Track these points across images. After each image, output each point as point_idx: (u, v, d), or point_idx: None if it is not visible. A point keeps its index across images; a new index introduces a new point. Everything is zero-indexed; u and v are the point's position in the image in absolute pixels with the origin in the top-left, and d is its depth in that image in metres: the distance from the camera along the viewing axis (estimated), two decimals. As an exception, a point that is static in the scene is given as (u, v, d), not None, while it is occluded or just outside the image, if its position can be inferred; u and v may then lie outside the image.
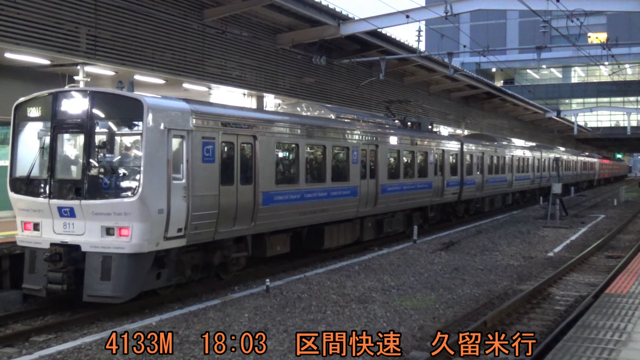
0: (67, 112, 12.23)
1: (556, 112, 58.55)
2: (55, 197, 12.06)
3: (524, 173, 39.70)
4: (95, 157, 11.98)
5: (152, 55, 18.38)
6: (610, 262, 18.42)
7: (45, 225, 12.15)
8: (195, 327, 10.89)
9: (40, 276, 12.05)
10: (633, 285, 11.39)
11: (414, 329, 10.94)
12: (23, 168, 12.64)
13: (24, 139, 12.85)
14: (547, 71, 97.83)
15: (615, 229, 26.23)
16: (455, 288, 14.34)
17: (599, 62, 34.82)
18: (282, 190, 15.60)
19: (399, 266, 16.99)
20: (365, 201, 19.61)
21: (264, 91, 23.62)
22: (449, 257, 18.75)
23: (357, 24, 23.48)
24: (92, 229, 11.72)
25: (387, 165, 21.20)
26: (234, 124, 13.96)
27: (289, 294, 13.49)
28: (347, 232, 19.14)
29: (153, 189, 11.72)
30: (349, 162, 18.75)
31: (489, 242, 22.08)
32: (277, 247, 16.06)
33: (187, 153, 12.48)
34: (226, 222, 13.57)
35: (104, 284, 11.56)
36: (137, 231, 11.57)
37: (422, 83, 35.86)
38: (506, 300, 13.04)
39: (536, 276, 16.06)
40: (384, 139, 21.14)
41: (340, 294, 13.48)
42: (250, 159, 14.45)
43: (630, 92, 77.68)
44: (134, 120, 11.97)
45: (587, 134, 79.45)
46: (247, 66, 22.13)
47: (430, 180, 24.71)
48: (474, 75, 41.18)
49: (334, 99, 27.41)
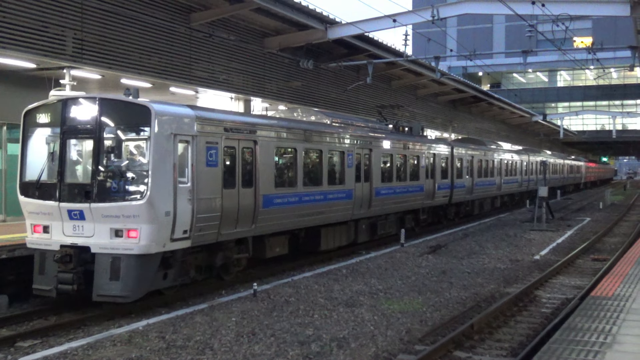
0: (77, 118, 12.67)
1: (542, 116, 58.88)
2: (65, 200, 12.42)
3: (512, 176, 40.45)
4: (105, 161, 12.40)
5: (139, 59, 18.32)
6: (596, 264, 18.53)
7: (55, 227, 12.53)
8: (183, 332, 10.85)
9: (50, 277, 12.38)
10: (618, 288, 11.46)
11: (401, 333, 10.95)
12: (32, 173, 13.03)
13: (33, 145, 13.25)
14: (534, 75, 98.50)
15: (601, 231, 26.40)
16: (443, 291, 14.37)
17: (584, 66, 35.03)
18: (281, 194, 16.12)
19: (386, 269, 17.02)
20: (359, 204, 20.12)
21: (251, 95, 23.60)
22: (436, 260, 18.79)
23: (344, 28, 23.51)
24: (101, 231, 12.11)
25: (380, 169, 21.73)
26: (235, 129, 14.42)
27: (277, 297, 13.47)
28: (342, 234, 19.62)
29: (160, 192, 12.15)
30: (344, 166, 19.27)
31: (476, 245, 22.16)
32: (276, 249, 16.58)
33: (191, 157, 12.95)
34: (228, 224, 14.01)
35: (113, 284, 11.92)
36: (145, 233, 11.96)
37: (409, 87, 35.96)
38: (493, 303, 13.09)
39: (523, 279, 16.14)
40: (378, 143, 21.68)
41: (328, 298, 13.48)
42: (251, 163, 14.96)
43: (616, 96, 78.41)
44: (141, 126, 12.43)
45: (573, 138, 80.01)
46: (235, 70, 22.11)
47: (422, 183, 25.35)
48: (461, 79, 41.37)
49: (322, 102, 27.44)
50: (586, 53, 28.15)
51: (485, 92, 47.06)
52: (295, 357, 9.59)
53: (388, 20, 22.72)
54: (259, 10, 20.97)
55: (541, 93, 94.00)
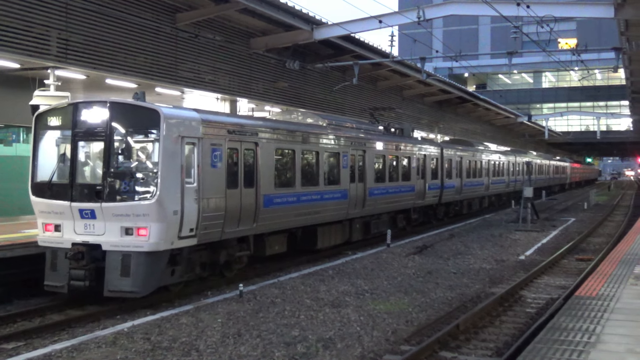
0: (88, 121, 13.19)
1: (527, 117, 59.16)
2: (76, 200, 12.92)
3: (500, 177, 41.38)
4: (115, 163, 12.97)
5: (125, 59, 18.23)
6: (580, 265, 18.65)
7: (66, 226, 13.02)
8: (168, 333, 10.81)
9: (61, 274, 12.86)
10: (602, 288, 11.53)
11: (387, 333, 10.97)
12: (44, 173, 13.53)
13: (44, 147, 13.74)
14: (519, 76, 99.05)
15: (586, 232, 26.58)
16: (429, 292, 14.41)
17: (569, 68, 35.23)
18: (281, 194, 16.72)
19: (372, 270, 17.03)
20: (354, 203, 20.78)
21: (237, 95, 23.55)
22: (422, 260, 18.84)
23: (330, 28, 23.51)
24: (111, 230, 12.61)
25: (374, 170, 22.39)
26: (238, 132, 14.98)
27: (263, 298, 13.45)
28: (337, 233, 20.21)
29: (169, 192, 12.70)
30: (340, 167, 19.95)
31: (462, 245, 22.24)
32: (276, 247, 17.13)
33: (197, 159, 13.52)
34: (231, 223, 14.59)
35: (123, 280, 12.42)
36: (155, 231, 12.49)
37: (395, 88, 36.03)
38: (479, 303, 13.14)
39: (508, 279, 16.21)
40: (371, 145, 22.34)
41: (314, 299, 13.48)
42: (253, 164, 15.55)
43: (600, 97, 78.95)
44: (151, 128, 12.96)
45: (558, 138, 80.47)
46: (221, 70, 22.06)
47: (413, 183, 26.04)
48: (447, 80, 41.49)
49: (308, 103, 27.43)
50: (571, 54, 28.33)
51: (470, 93, 47.24)
52: (281, 358, 9.57)
53: (374, 21, 22.76)
54: (244, 10, 20.93)
55: (526, 94, 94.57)
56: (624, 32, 22.31)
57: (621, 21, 21.09)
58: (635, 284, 11.89)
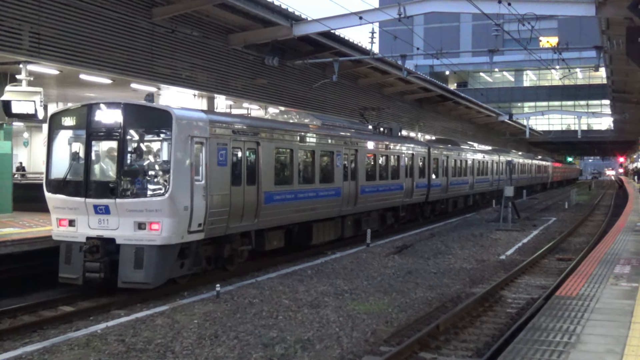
0: (102, 121, 14.08)
1: (508, 116, 59.54)
2: (91, 196, 13.83)
3: (484, 176, 42.56)
4: (129, 161, 13.99)
5: (99, 54, 18.05)
6: (561, 264, 18.81)
7: (80, 221, 13.90)
8: (143, 335, 10.72)
9: (76, 266, 13.74)
10: (583, 288, 11.64)
11: (366, 334, 10.98)
12: (58, 171, 14.45)
13: (59, 146, 14.59)
14: (500, 74, 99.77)
15: (566, 231, 26.81)
16: (409, 292, 14.45)
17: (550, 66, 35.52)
18: (280, 191, 17.71)
19: (352, 270, 17.05)
20: (347, 201, 21.85)
21: (215, 92, 23.45)
22: (402, 260, 18.89)
23: (310, 24, 23.49)
24: (125, 224, 13.53)
25: (365, 168, 23.47)
26: (241, 132, 15.96)
27: (240, 299, 13.41)
28: (331, 229, 21.25)
29: (180, 189, 13.63)
30: (334, 165, 21.01)
31: (442, 245, 22.34)
32: (274, 242, 18.04)
33: (205, 157, 14.42)
34: (235, 219, 15.53)
35: (137, 272, 13.35)
36: (167, 225, 13.44)
37: (375, 85, 36.10)
38: (459, 303, 13.19)
39: (488, 279, 16.31)
40: (363, 144, 23.42)
41: (293, 299, 13.45)
42: (254, 162, 16.54)
43: (581, 96, 79.65)
44: (163, 129, 13.89)
45: (539, 137, 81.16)
46: (198, 66, 21.93)
47: (401, 182, 27.14)
48: (428, 77, 41.68)
49: (287, 100, 27.39)
50: (552, 53, 28.57)
51: (451, 91, 47.46)
52: (258, 359, 9.54)
53: (354, 17, 22.75)
54: (222, 5, 20.83)
55: (507, 93, 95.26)
56: (605, 31, 22.51)
57: (602, 20, 21.27)
58: (616, 284, 12.02)
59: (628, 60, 20.73)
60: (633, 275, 12.96)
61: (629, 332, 8.62)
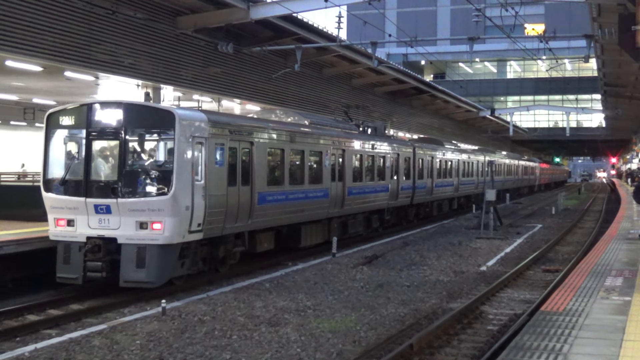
0: (103, 121, 15.63)
1: (490, 111, 60.25)
2: (92, 196, 15.36)
3: (469, 177, 43.90)
4: (131, 161, 15.62)
5: (28, 38, 17.76)
6: (547, 276, 19.07)
7: (80, 221, 15.37)
8: (77, 358, 10.59)
9: (75, 266, 15.21)
10: (571, 302, 11.81)
11: (331, 355, 10.99)
12: (56, 171, 15.97)
13: (56, 145, 16.04)
14: (481, 65, 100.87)
15: (553, 240, 27.20)
16: (379, 307, 14.51)
17: (536, 57, 36.05)
18: (272, 191, 19.22)
19: (315, 283, 17.07)
20: (334, 202, 23.39)
21: (162, 82, 23.27)
22: (372, 272, 18.97)
23: (269, 7, 23.44)
24: (127, 224, 15.06)
25: (352, 169, 25.02)
26: (237, 132, 17.48)
27: (189, 316, 13.32)
28: (318, 232, 22.74)
29: (182, 189, 15.21)
30: (322, 166, 22.54)
31: (416, 255, 22.48)
32: (265, 244, 19.56)
33: (204, 157, 15.94)
34: (231, 219, 17.06)
35: (139, 271, 14.88)
36: (169, 225, 14.99)
37: (343, 76, 36.21)
38: (435, 320, 13.28)
39: (468, 293, 16.46)
40: (350, 144, 24.91)
41: (249, 316, 13.42)
42: (249, 162, 17.99)
43: (570, 89, 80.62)
44: (166, 129, 15.53)
45: (523, 135, 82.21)
46: (142, 53, 21.73)
47: (387, 183, 28.67)
48: (401, 68, 41.92)
49: (244, 92, 27.32)
50: (538, 42, 28.94)
51: (427, 83, 47.86)
52: (209, 384, 9.49)
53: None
54: (170, -16, 20.71)
55: (489, 85, 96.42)
56: (595, 18, 22.86)
57: (593, 6, 21.61)
58: (606, 298, 12.22)
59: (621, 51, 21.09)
60: (625, 288, 13.19)
61: (621, 351, 8.77)
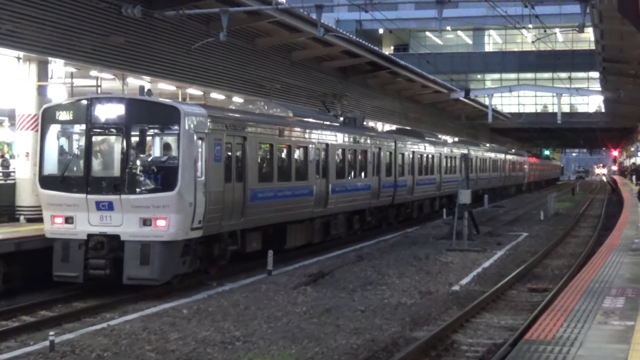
0: (105, 116, 18.44)
1: (465, 92, 60.60)
2: (93, 192, 18.17)
3: (452, 174, 46.37)
4: (134, 157, 18.37)
5: None
6: (533, 297, 19.35)
7: (80, 218, 18.21)
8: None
9: (75, 264, 18.00)
10: (561, 328, 11.95)
11: (266, 398, 10.99)
12: (53, 167, 18.96)
13: (53, 141, 18.91)
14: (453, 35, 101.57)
15: (542, 251, 27.57)
16: (326, 338, 14.55)
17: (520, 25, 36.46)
18: (263, 188, 22.28)
19: (246, 308, 17.05)
20: (318, 201, 26.53)
21: (50, 55, 22.96)
22: (317, 294, 19.01)
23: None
24: (130, 221, 17.94)
25: (335, 164, 28.07)
26: (232, 126, 20.49)
27: (85, 352, 13.19)
28: (303, 232, 25.76)
29: (187, 185, 18.17)
30: (307, 161, 25.61)
31: (373, 272, 22.57)
32: (254, 244, 22.38)
33: (205, 153, 18.91)
34: (226, 217, 20.10)
35: (143, 268, 17.79)
36: (174, 221, 17.95)
37: (281, 47, 36.16)
38: (395, 352, 13.37)
39: (436, 318, 16.59)
40: (333, 137, 28.04)
41: (161, 351, 13.35)
42: (242, 158, 21.00)
43: (561, 65, 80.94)
44: (171, 124, 18.66)
45: (505, 123, 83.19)
46: (25, 17, 21.39)
47: (369, 181, 31.94)
48: (354, 38, 41.97)
49: (155, 67, 27.09)
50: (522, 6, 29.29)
51: (387, 57, 48.05)
52: None
53: (251, -49, 22.75)
54: None
55: (463, 60, 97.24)
56: (592, -22, 23.22)
57: (588, -37, 21.95)
58: (605, 322, 12.39)
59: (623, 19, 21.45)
60: (627, 310, 13.40)
61: (622, 389, 8.92)
